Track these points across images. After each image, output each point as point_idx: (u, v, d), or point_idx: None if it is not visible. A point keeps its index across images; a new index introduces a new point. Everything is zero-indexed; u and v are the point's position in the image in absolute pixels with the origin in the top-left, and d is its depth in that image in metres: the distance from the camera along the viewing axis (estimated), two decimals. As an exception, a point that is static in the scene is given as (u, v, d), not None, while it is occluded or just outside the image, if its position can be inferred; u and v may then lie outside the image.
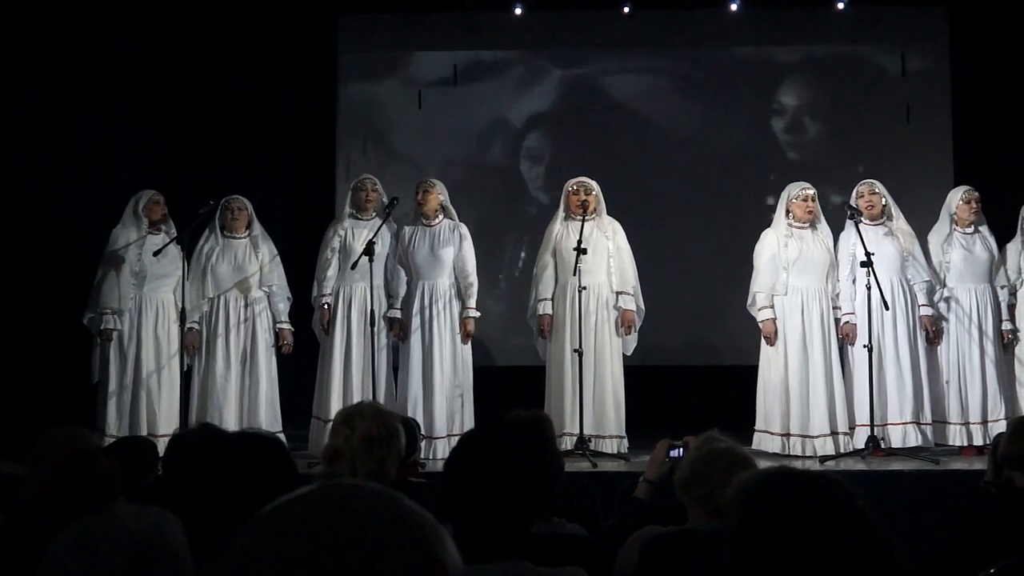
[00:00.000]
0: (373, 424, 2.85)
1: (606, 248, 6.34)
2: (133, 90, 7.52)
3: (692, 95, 7.97)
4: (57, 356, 6.71)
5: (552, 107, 8.06)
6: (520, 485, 1.80)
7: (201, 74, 7.75)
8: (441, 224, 6.45)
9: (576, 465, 5.66)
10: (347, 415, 2.93)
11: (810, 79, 7.96)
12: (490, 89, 8.05)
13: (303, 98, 8.04)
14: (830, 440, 6.12)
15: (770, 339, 6.25)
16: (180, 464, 2.73)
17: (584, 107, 8.05)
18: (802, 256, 6.27)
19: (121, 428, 6.15)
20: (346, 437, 2.85)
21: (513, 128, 8.05)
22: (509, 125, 8.05)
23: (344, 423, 2.90)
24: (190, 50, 7.72)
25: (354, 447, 2.83)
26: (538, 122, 8.06)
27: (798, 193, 6.33)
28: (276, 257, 6.56)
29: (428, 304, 6.33)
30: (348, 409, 3.02)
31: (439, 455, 6.09)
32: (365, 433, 2.84)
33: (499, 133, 8.05)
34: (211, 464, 1.98)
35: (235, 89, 7.86)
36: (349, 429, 2.86)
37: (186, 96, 7.71)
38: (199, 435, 2.82)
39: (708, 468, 2.62)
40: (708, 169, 7.91)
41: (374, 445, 2.83)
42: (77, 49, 7.23)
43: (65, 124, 7.15)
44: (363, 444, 2.82)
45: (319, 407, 6.36)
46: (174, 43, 7.69)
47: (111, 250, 6.33)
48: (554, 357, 6.36)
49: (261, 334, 6.41)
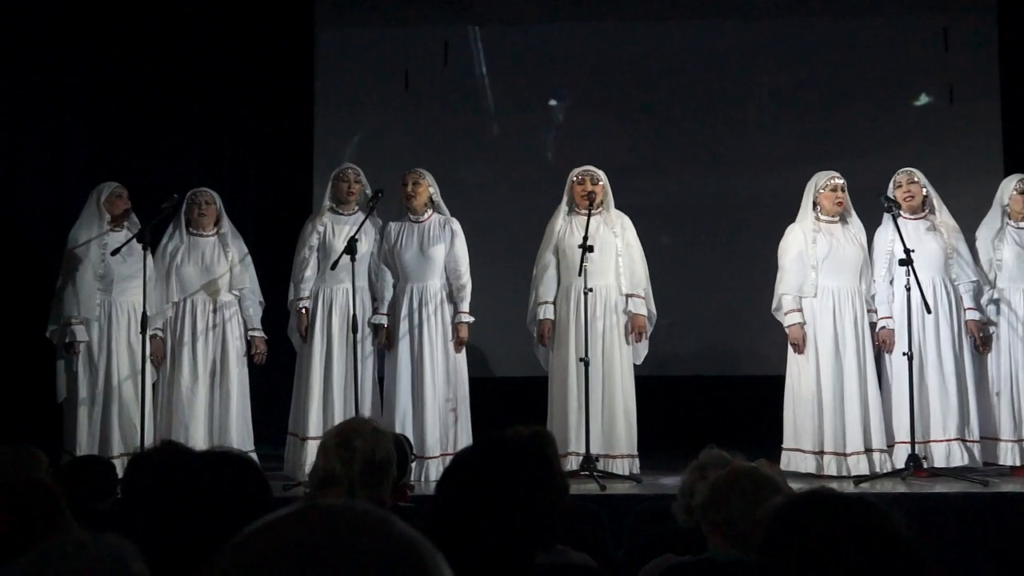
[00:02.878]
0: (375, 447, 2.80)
1: (614, 246, 6.34)
2: (85, 72, 7.52)
3: (709, 72, 7.96)
4: (17, 372, 6.70)
5: (554, 88, 8.07)
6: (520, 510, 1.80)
7: (162, 53, 7.75)
8: (431, 219, 6.45)
9: (583, 487, 5.66)
10: (345, 436, 2.87)
11: (843, 57, 7.95)
12: (482, 68, 8.05)
13: (277, 80, 8.04)
14: (865, 459, 6.12)
15: (798, 346, 6.25)
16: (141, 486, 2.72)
17: (591, 87, 8.05)
18: (832, 253, 6.27)
19: (92, 447, 6.15)
20: (345, 461, 2.79)
21: (510, 112, 8.05)
22: (506, 108, 8.05)
23: (342, 445, 2.83)
24: (149, 27, 7.72)
25: (354, 474, 2.77)
26: (538, 105, 8.06)
27: (826, 183, 6.33)
28: (247, 257, 6.57)
29: (417, 308, 6.33)
30: (344, 428, 2.95)
31: (431, 477, 6.09)
32: (368, 457, 2.79)
33: (495, 118, 8.05)
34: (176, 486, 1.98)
35: (200, 69, 7.86)
36: (348, 452, 2.80)
37: (146, 78, 7.71)
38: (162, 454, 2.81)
39: (729, 491, 2.61)
40: (729, 156, 7.91)
41: (376, 471, 2.79)
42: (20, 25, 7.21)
43: (8, 112, 7.14)
44: (365, 469, 2.77)
45: (296, 423, 6.36)
46: (132, 19, 7.69)
47: (71, 252, 6.33)
48: (557, 367, 6.35)
49: (231, 342, 6.41)
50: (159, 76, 7.75)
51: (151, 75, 7.72)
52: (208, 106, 7.87)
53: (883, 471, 6.05)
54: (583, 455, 6.00)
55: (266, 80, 8.02)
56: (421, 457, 6.14)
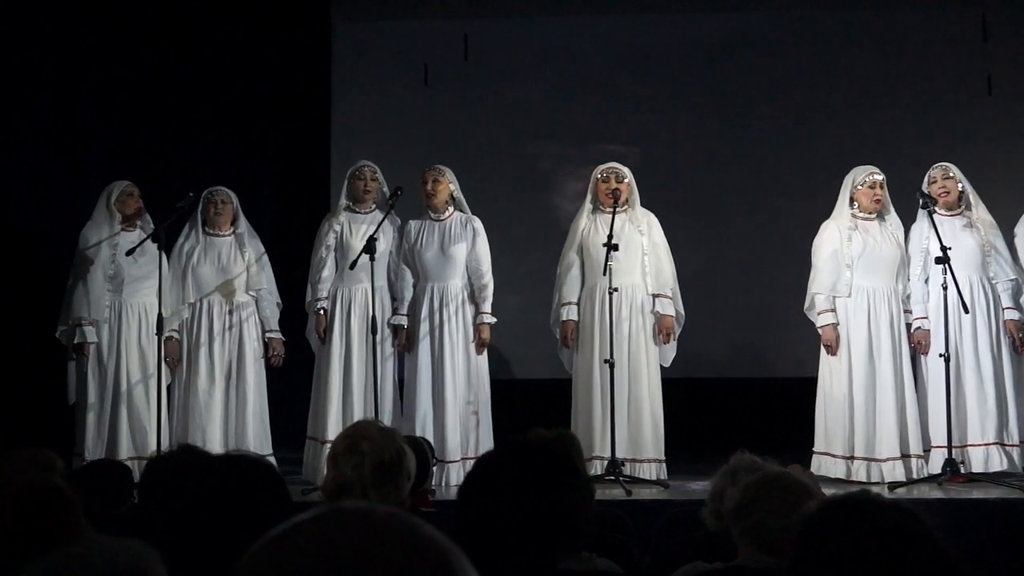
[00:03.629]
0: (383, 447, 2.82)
1: (640, 244, 6.34)
2: (100, 70, 7.57)
3: (741, 64, 7.94)
4: (28, 374, 6.76)
5: (578, 82, 8.06)
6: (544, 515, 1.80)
7: (176, 48, 7.79)
8: (452, 218, 6.46)
9: (608, 492, 5.65)
10: (351, 440, 2.88)
11: (878, 48, 7.91)
12: (506, 62, 8.05)
13: (293, 75, 8.07)
14: (900, 464, 6.10)
15: (831, 347, 6.23)
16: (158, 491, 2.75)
17: (616, 81, 8.04)
18: (868, 251, 6.25)
19: (101, 451, 6.20)
20: (355, 466, 2.81)
21: (533, 107, 8.05)
22: (528, 103, 8.05)
23: (349, 450, 2.84)
24: (163, 22, 7.76)
25: (365, 477, 2.79)
26: (561, 100, 8.05)
27: (864, 179, 6.30)
28: (264, 256, 6.60)
29: (438, 309, 6.35)
30: (349, 433, 2.97)
31: (452, 482, 6.10)
32: (377, 459, 2.80)
33: (517, 113, 8.05)
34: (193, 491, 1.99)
35: (215, 65, 7.89)
36: (357, 456, 2.82)
37: (160, 74, 7.75)
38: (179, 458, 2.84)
39: (760, 496, 2.61)
40: (761, 150, 7.88)
41: (388, 472, 2.80)
42: (36, 22, 7.27)
43: (24, 111, 7.20)
44: (376, 472, 2.79)
45: (315, 426, 6.38)
46: (145, 15, 7.73)
47: (82, 252, 6.37)
48: (581, 369, 6.35)
49: (248, 344, 6.44)
50: (173, 72, 7.78)
51: (165, 71, 7.76)
52: (224, 103, 7.91)
53: (919, 477, 6.02)
54: (608, 459, 5.99)
55: (282, 76, 8.05)
56: (442, 461, 6.15)
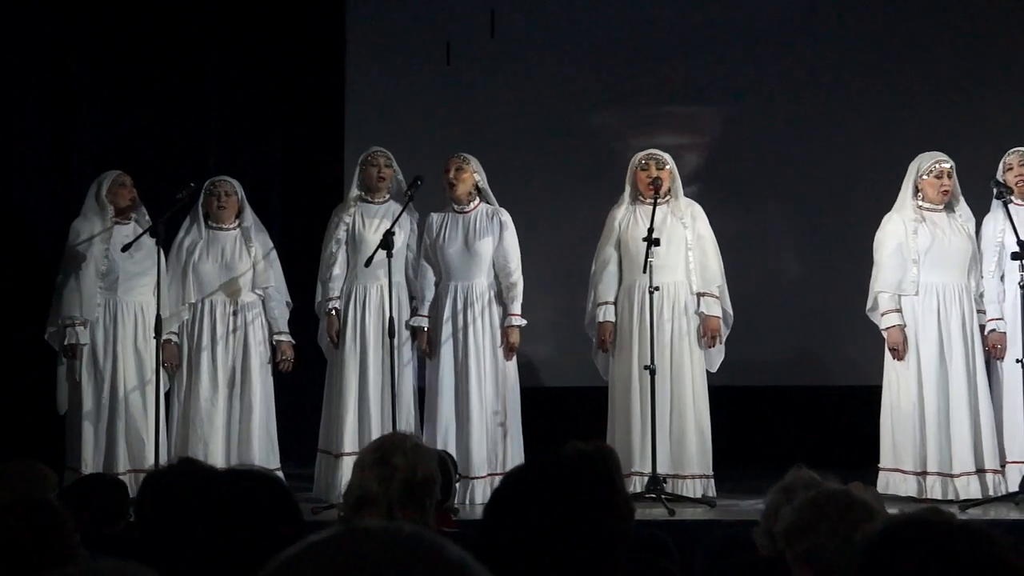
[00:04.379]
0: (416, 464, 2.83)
1: (684, 238, 6.33)
2: (92, 50, 7.61)
3: (794, 47, 7.90)
4: (16, 380, 6.81)
5: (615, 62, 8.04)
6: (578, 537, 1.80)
7: (174, 26, 7.81)
8: (477, 210, 6.47)
9: (649, 512, 5.66)
10: (382, 452, 2.90)
11: (946, 26, 7.86)
12: (536, 40, 8.05)
13: (303, 55, 8.09)
14: (975, 480, 6.07)
15: (898, 351, 6.20)
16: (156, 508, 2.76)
17: (658, 59, 8.02)
18: (935, 245, 6.22)
19: (98, 464, 6.24)
20: (383, 480, 2.83)
21: (566, 89, 8.04)
22: (560, 85, 8.04)
23: (380, 462, 2.86)
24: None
25: (393, 493, 2.80)
26: (597, 81, 8.04)
27: (930, 167, 6.27)
28: (272, 252, 6.63)
29: (462, 309, 6.36)
30: (382, 443, 2.99)
31: (477, 499, 6.13)
32: (408, 476, 2.81)
33: (548, 96, 8.05)
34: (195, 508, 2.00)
35: (217, 43, 7.92)
36: (387, 470, 2.84)
37: (157, 54, 7.77)
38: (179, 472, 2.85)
39: (817, 516, 2.61)
40: (817, 136, 7.85)
41: (417, 491, 2.81)
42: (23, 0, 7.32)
43: (10, 95, 7.25)
44: (405, 489, 2.80)
45: (327, 439, 6.41)
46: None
47: (72, 247, 6.42)
48: (619, 376, 6.35)
49: (254, 347, 6.47)
50: (171, 49, 7.78)
51: (162, 48, 7.75)
52: (227, 83, 7.93)
53: (995, 494, 5.99)
54: (649, 475, 5.99)
55: (292, 55, 8.06)
56: (466, 477, 6.16)
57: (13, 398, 6.84)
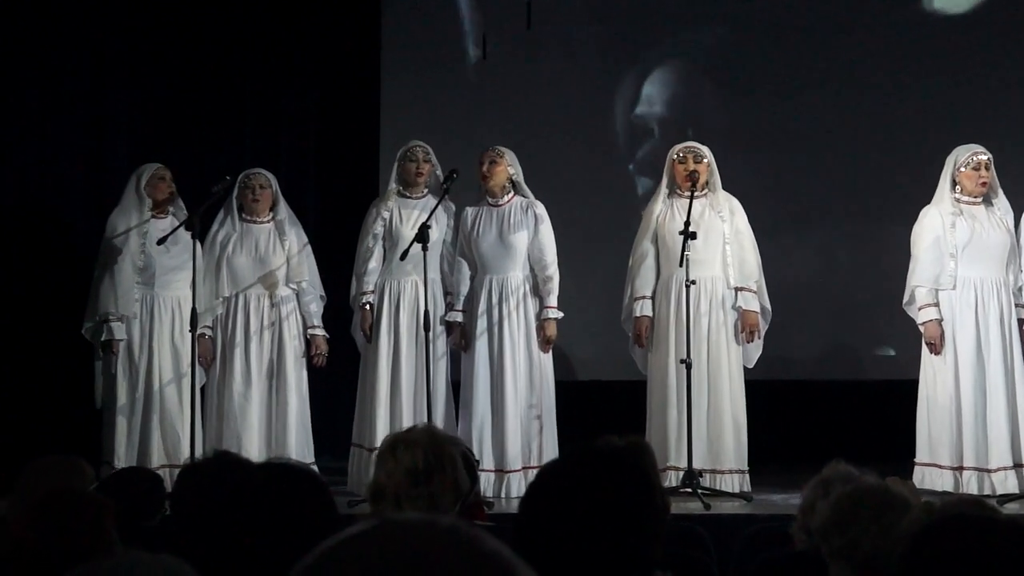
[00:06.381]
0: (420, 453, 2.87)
1: (721, 232, 6.31)
2: (128, 43, 7.65)
3: (832, 35, 7.84)
4: (53, 375, 6.88)
5: (657, 53, 8.01)
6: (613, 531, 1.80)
7: (210, 19, 7.84)
8: (511, 203, 6.47)
9: (684, 506, 5.66)
10: (392, 443, 2.96)
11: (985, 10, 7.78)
12: (574, 31, 8.03)
13: (339, 48, 8.10)
14: (1012, 475, 6.05)
15: (935, 346, 6.16)
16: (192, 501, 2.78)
17: (699, 51, 7.98)
18: (974, 239, 6.17)
19: (131, 457, 6.28)
20: (389, 471, 2.87)
21: (605, 81, 8.02)
22: (599, 77, 8.02)
23: (388, 452, 2.92)
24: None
25: (398, 484, 2.84)
26: (638, 73, 8.02)
27: (968, 159, 6.23)
28: (307, 246, 6.64)
29: (497, 303, 6.36)
30: (396, 436, 3.05)
31: (513, 493, 6.12)
32: (410, 465, 2.85)
33: (585, 88, 8.03)
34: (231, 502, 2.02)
35: (253, 38, 7.94)
36: (392, 461, 2.88)
37: (194, 48, 7.81)
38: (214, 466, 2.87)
39: (854, 511, 2.60)
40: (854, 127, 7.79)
41: (420, 479, 2.84)
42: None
43: (47, 89, 7.31)
44: (407, 478, 2.84)
45: (361, 433, 6.43)
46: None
47: (109, 241, 6.46)
48: (656, 370, 6.34)
49: (289, 342, 6.49)
50: (208, 46, 7.82)
51: (199, 43, 7.80)
52: (263, 78, 7.95)
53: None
54: (685, 470, 5.98)
55: (327, 49, 8.08)
56: (501, 471, 6.18)
57: (51, 393, 6.91)
